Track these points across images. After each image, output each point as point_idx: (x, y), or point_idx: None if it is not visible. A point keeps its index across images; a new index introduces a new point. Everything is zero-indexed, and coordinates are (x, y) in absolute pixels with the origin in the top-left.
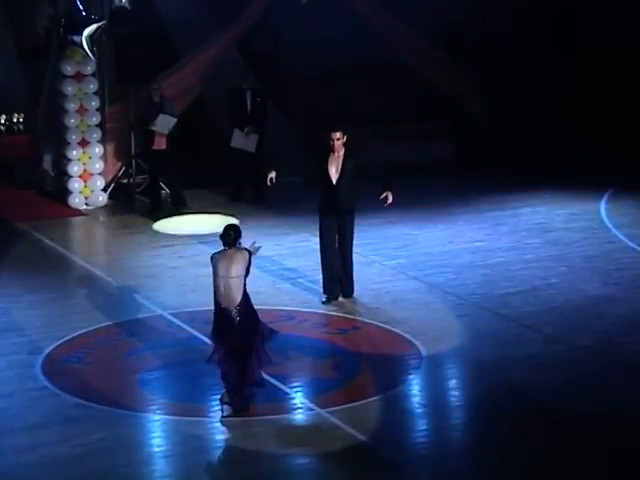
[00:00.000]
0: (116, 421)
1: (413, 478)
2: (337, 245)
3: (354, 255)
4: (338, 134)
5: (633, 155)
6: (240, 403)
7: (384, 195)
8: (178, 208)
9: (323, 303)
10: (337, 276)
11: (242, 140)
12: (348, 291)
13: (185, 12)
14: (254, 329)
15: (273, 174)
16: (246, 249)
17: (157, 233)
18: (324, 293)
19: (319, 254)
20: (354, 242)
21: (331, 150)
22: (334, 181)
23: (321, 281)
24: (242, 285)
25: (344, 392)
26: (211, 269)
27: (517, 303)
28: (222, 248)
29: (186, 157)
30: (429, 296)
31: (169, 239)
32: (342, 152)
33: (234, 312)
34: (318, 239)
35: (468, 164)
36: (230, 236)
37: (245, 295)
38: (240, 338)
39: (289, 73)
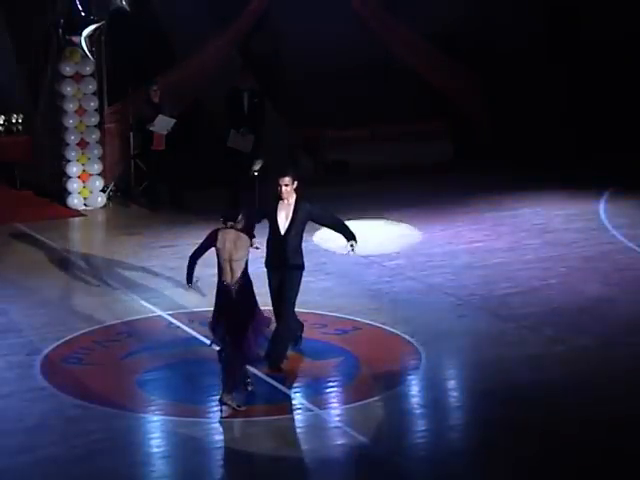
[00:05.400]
0: (115, 421)
1: (412, 478)
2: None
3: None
4: (286, 179)
5: (633, 155)
6: (234, 384)
7: (349, 243)
8: (176, 209)
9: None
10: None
11: (238, 140)
12: (272, 360)
13: (184, 12)
14: (250, 311)
15: (256, 243)
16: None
17: (156, 233)
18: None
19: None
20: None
21: (279, 197)
22: (282, 231)
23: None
24: (244, 264)
25: (344, 392)
26: (214, 251)
27: (516, 304)
28: (224, 226)
29: (185, 157)
30: (428, 297)
31: (167, 240)
32: (292, 199)
33: (233, 287)
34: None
35: (467, 164)
36: (231, 212)
37: (245, 274)
38: (237, 316)
39: (288, 73)
